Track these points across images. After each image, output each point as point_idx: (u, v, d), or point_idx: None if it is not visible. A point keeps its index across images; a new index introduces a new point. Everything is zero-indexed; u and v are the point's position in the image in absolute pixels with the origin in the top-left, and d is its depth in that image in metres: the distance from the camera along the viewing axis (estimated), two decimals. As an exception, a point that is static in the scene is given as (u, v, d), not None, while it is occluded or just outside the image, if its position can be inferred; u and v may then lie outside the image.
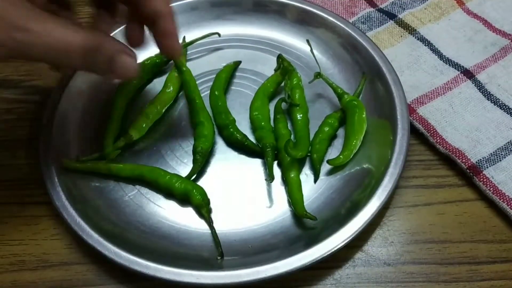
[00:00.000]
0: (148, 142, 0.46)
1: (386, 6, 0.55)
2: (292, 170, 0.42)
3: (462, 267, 0.40)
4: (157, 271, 0.37)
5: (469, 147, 0.44)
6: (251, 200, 0.43)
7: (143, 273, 0.37)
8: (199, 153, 0.44)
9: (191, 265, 0.38)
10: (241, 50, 0.52)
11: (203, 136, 0.44)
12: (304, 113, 0.46)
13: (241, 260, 0.39)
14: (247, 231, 0.41)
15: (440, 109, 0.47)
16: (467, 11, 0.54)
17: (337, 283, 0.39)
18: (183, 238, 0.41)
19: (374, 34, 0.53)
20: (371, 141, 0.45)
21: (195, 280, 0.37)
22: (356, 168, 0.44)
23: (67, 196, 0.41)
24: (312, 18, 0.52)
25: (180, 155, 0.46)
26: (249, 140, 0.45)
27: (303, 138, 0.44)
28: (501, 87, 0.48)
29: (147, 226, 0.42)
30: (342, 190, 0.43)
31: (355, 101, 0.46)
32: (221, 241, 0.40)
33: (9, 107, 0.50)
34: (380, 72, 0.47)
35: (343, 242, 0.38)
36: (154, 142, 0.47)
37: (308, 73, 0.49)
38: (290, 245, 0.40)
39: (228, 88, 0.50)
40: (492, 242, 0.41)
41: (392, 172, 0.41)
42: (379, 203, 0.39)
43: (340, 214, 0.41)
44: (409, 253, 0.41)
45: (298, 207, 0.41)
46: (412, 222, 0.42)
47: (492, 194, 0.42)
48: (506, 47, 0.50)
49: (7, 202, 0.44)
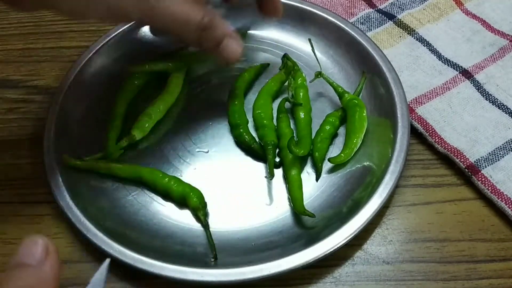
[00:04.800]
0: (151, 142, 0.47)
1: (385, 7, 0.56)
2: (293, 168, 0.43)
3: (461, 266, 0.40)
4: (161, 269, 0.37)
5: (467, 146, 0.45)
6: (254, 198, 0.43)
7: (148, 271, 0.37)
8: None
9: (196, 263, 0.38)
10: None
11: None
12: (306, 112, 0.46)
13: (245, 258, 0.39)
14: (250, 229, 0.41)
15: (439, 109, 0.47)
16: (466, 12, 0.54)
17: (336, 281, 0.40)
18: (187, 236, 0.41)
19: (373, 34, 0.53)
20: (372, 140, 0.45)
21: (200, 278, 0.37)
22: (357, 166, 0.44)
23: (71, 196, 0.41)
24: (312, 18, 0.52)
25: (183, 154, 0.46)
26: (256, 144, 0.45)
27: (305, 136, 0.45)
28: (500, 87, 0.48)
29: (150, 225, 0.42)
30: (343, 188, 0.43)
31: (356, 100, 0.46)
32: (224, 239, 0.40)
33: (11, 107, 0.50)
34: (380, 71, 0.47)
35: (345, 239, 0.38)
36: (157, 142, 0.47)
37: (308, 73, 0.50)
38: (292, 243, 0.40)
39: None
40: (490, 241, 0.41)
41: (393, 170, 0.41)
42: (380, 201, 0.40)
43: (342, 212, 0.41)
44: (408, 251, 0.41)
45: (297, 204, 0.41)
46: (411, 221, 0.43)
47: (490, 193, 0.42)
48: (504, 47, 0.51)
49: (9, 201, 0.44)
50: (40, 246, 0.24)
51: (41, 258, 0.24)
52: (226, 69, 0.51)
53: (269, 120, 0.46)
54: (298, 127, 0.46)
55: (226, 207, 0.43)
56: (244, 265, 0.37)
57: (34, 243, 0.25)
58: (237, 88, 0.48)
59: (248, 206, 0.43)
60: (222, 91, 0.49)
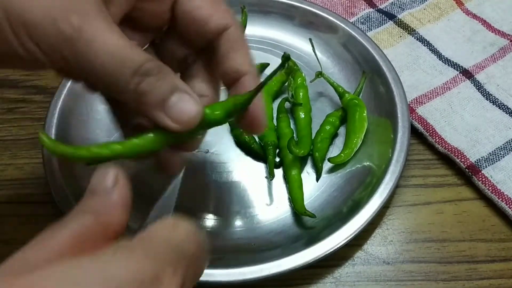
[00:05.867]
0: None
1: (385, 7, 0.56)
2: (293, 168, 0.43)
3: (461, 266, 0.40)
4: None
5: (468, 146, 0.45)
6: (254, 198, 0.43)
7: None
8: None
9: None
10: (242, 50, 0.53)
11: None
12: (306, 112, 0.46)
13: (245, 258, 0.39)
14: (250, 229, 0.42)
15: (439, 109, 0.47)
16: (466, 12, 0.54)
17: (336, 282, 0.40)
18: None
19: (373, 34, 0.53)
20: (372, 139, 0.45)
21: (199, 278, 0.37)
22: (357, 166, 0.44)
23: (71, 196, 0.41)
24: (312, 18, 0.52)
25: (183, 154, 0.46)
26: (256, 144, 0.45)
27: (305, 136, 0.45)
28: (500, 87, 0.48)
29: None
30: (343, 188, 0.43)
31: (356, 100, 0.46)
32: (224, 239, 0.40)
33: (10, 106, 0.50)
34: (380, 71, 0.47)
35: (345, 239, 0.38)
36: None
37: (308, 72, 0.50)
38: (292, 243, 0.40)
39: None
40: (491, 241, 0.41)
41: (393, 170, 0.41)
42: (381, 201, 0.40)
43: (342, 212, 0.41)
44: (408, 252, 0.41)
45: (297, 205, 0.41)
46: (411, 221, 0.43)
47: (491, 193, 0.42)
48: (505, 47, 0.51)
49: (8, 201, 0.44)
50: (109, 175, 0.24)
51: (110, 186, 0.24)
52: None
53: (269, 120, 0.46)
54: (298, 127, 0.46)
55: (226, 207, 0.43)
56: (244, 265, 0.37)
57: (105, 173, 0.24)
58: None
59: (248, 206, 0.43)
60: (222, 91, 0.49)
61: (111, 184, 0.24)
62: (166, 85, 0.28)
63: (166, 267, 0.21)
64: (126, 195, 0.24)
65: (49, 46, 0.26)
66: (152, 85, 0.28)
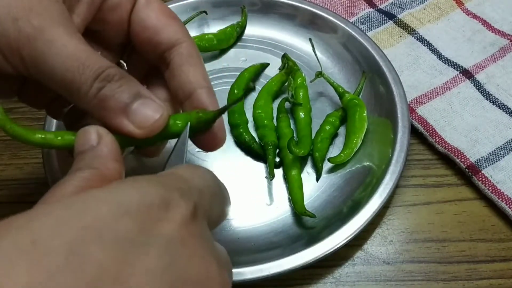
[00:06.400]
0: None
1: (385, 7, 0.55)
2: (293, 168, 0.43)
3: (461, 266, 0.40)
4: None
5: (468, 146, 0.45)
6: (254, 198, 0.43)
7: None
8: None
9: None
10: (243, 50, 0.53)
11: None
12: (306, 112, 0.46)
13: (244, 258, 0.39)
14: (250, 229, 0.42)
15: (439, 108, 0.47)
16: (466, 12, 0.54)
17: (336, 282, 0.40)
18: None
19: (373, 34, 0.53)
20: (372, 139, 0.45)
21: None
22: (357, 166, 0.44)
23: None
24: (312, 18, 0.52)
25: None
26: (256, 144, 0.45)
27: (306, 136, 0.44)
28: (500, 87, 0.48)
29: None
30: (343, 188, 0.43)
31: (356, 100, 0.46)
32: (225, 239, 0.40)
33: (10, 106, 0.50)
34: (380, 71, 0.47)
35: (345, 239, 0.38)
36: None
37: (308, 72, 0.50)
38: (292, 243, 0.40)
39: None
40: (490, 241, 0.41)
41: (393, 170, 0.41)
42: (380, 201, 0.40)
43: (342, 212, 0.41)
44: (408, 252, 0.41)
45: (298, 205, 0.41)
46: (411, 221, 0.43)
47: (491, 193, 0.42)
48: (505, 47, 0.51)
49: (8, 201, 0.44)
50: (91, 133, 0.25)
51: (94, 142, 0.25)
52: (228, 71, 0.50)
53: (269, 120, 0.46)
54: (298, 127, 0.46)
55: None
56: (244, 265, 0.37)
57: (86, 132, 0.25)
58: (237, 88, 0.48)
59: (248, 206, 0.43)
60: (222, 91, 0.49)
61: (95, 140, 0.25)
62: (129, 91, 0.27)
63: (173, 191, 0.21)
64: (113, 146, 0.25)
65: (8, 45, 0.26)
66: (114, 91, 0.27)
